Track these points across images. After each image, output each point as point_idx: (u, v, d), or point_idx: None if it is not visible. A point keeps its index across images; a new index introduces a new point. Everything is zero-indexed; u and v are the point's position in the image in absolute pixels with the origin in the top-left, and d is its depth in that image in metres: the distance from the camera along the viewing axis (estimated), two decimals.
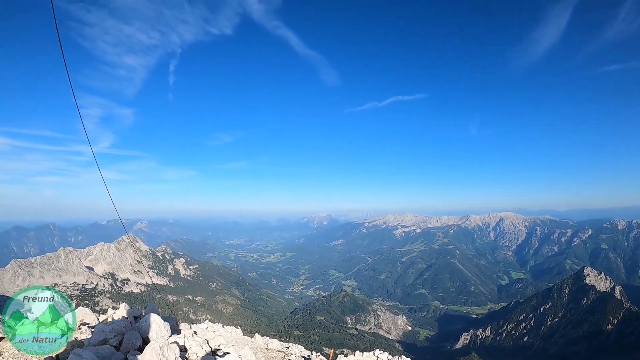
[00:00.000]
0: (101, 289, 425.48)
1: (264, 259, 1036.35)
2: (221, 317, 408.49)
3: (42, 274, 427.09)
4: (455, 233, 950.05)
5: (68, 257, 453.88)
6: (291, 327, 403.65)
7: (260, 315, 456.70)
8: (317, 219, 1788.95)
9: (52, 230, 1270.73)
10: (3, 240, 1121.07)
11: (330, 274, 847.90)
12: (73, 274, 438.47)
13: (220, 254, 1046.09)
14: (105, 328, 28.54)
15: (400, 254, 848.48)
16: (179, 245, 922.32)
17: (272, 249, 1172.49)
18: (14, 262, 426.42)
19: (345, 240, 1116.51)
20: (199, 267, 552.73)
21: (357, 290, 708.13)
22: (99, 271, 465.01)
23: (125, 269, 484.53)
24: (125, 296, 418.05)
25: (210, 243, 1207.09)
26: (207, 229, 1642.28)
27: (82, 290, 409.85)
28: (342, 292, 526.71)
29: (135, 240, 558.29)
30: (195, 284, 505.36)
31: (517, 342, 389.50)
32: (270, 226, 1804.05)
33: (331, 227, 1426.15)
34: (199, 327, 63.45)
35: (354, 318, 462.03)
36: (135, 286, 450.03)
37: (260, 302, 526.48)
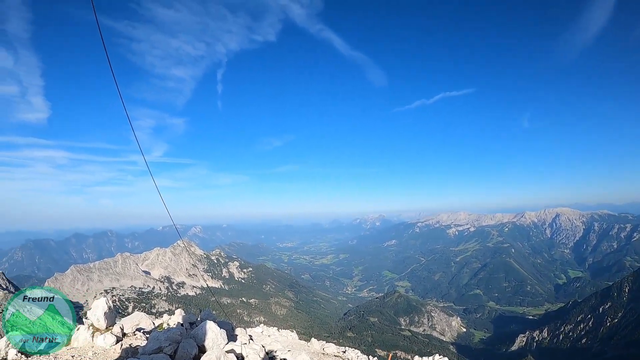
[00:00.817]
0: (157, 292, 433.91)
1: (317, 261, 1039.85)
2: (275, 319, 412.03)
3: (100, 279, 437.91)
4: (510, 231, 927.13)
5: (125, 262, 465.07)
6: (344, 329, 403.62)
7: (313, 317, 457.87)
8: (369, 219, 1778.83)
9: (109, 237, 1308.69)
10: (63, 247, 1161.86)
11: (384, 275, 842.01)
12: (130, 278, 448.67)
13: (274, 257, 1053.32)
14: (160, 336, 29.13)
15: (454, 253, 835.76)
16: (232, 249, 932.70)
17: (325, 251, 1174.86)
18: (73, 267, 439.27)
19: (398, 241, 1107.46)
20: (252, 270, 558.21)
21: (410, 291, 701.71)
22: (155, 275, 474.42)
23: (181, 273, 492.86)
24: (180, 299, 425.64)
25: (264, 246, 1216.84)
26: (261, 232, 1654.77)
27: (139, 294, 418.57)
28: (395, 293, 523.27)
29: (190, 244, 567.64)
30: (249, 286, 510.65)
31: (575, 345, 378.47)
32: (323, 228, 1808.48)
33: (384, 228, 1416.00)
34: (254, 331, 64.42)
35: (408, 319, 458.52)
36: (190, 289, 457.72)
37: (314, 303, 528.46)
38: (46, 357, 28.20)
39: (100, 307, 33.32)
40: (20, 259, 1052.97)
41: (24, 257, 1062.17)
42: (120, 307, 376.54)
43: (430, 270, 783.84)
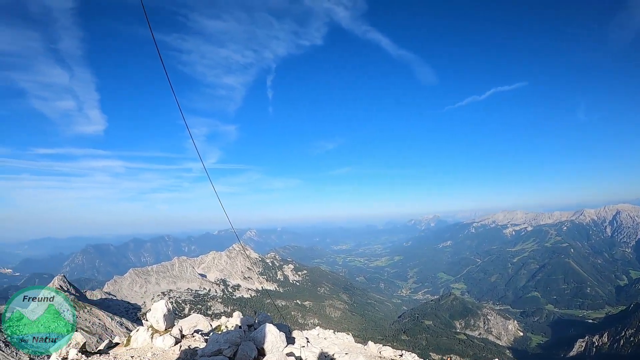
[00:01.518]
0: (213, 294, 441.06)
1: (372, 263, 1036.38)
2: (329, 321, 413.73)
3: (157, 281, 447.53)
4: (568, 230, 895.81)
5: (182, 265, 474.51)
6: (399, 332, 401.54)
7: (368, 319, 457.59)
8: (424, 220, 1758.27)
9: (166, 241, 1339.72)
10: (122, 252, 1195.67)
11: (439, 276, 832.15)
12: (187, 281, 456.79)
13: (329, 260, 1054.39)
14: (219, 338, 29.97)
15: (511, 254, 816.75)
16: (287, 252, 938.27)
17: (379, 253, 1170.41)
18: (132, 270, 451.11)
19: (454, 242, 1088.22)
20: (307, 272, 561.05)
21: (466, 293, 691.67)
22: (211, 278, 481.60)
23: (236, 276, 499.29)
24: (236, 301, 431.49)
25: (318, 249, 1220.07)
26: (315, 235, 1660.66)
27: (195, 296, 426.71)
28: (450, 296, 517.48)
29: (245, 248, 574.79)
30: (304, 289, 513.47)
31: (637, 351, 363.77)
32: (377, 230, 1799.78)
33: (439, 229, 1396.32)
34: (311, 334, 64.50)
35: (463, 322, 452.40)
36: (245, 292, 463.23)
37: (368, 306, 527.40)
38: (106, 357, 29.84)
39: (160, 310, 34.83)
40: (81, 263, 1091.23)
41: (84, 261, 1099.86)
42: (177, 309, 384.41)
43: (486, 271, 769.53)
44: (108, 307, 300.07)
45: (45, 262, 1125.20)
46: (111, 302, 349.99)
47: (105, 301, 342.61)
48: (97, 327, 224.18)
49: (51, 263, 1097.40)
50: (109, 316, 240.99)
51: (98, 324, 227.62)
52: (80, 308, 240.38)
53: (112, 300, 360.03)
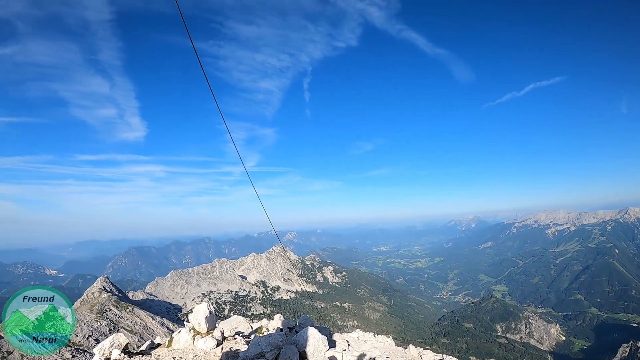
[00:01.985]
0: (253, 295, 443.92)
1: (412, 264, 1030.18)
2: (368, 323, 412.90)
3: (198, 282, 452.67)
4: (612, 229, 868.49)
5: (222, 267, 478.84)
6: (438, 335, 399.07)
7: (407, 321, 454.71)
8: (464, 221, 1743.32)
9: (207, 244, 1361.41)
10: (164, 254, 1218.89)
11: (480, 278, 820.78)
12: (227, 282, 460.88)
13: (368, 261, 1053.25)
14: (261, 341, 30.26)
15: (554, 255, 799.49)
16: (327, 254, 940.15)
17: (419, 255, 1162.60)
18: (173, 272, 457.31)
19: (495, 243, 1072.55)
20: (346, 274, 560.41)
21: (507, 295, 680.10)
22: (251, 279, 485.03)
23: (276, 277, 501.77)
24: (275, 302, 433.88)
25: (358, 251, 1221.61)
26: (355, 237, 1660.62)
27: (235, 297, 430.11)
28: (491, 298, 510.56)
29: (285, 250, 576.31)
30: (343, 290, 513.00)
31: None
32: (417, 231, 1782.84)
33: (479, 229, 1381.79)
34: (351, 337, 63.64)
35: (504, 326, 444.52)
36: (285, 293, 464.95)
37: (408, 308, 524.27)
38: (148, 358, 30.73)
39: (202, 312, 35.64)
40: (124, 265, 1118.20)
41: (127, 263, 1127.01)
42: (217, 310, 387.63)
43: (528, 273, 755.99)
44: (150, 307, 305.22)
45: (89, 264, 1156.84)
46: (153, 302, 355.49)
47: (146, 302, 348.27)
48: (139, 326, 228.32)
49: (95, 264, 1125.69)
50: (150, 316, 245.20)
51: (140, 324, 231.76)
52: (123, 308, 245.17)
53: (154, 301, 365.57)
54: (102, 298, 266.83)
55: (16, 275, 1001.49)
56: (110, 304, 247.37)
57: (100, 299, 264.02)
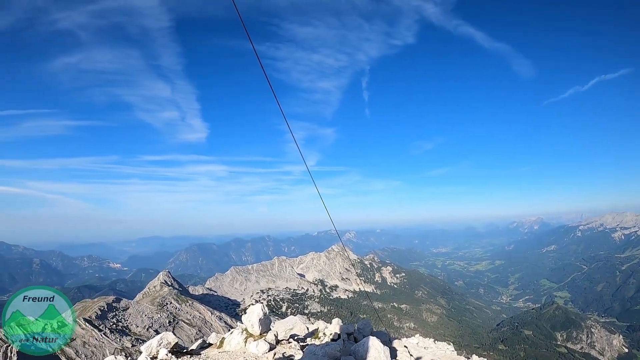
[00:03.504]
0: (311, 294, 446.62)
1: (472, 267, 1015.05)
2: (425, 326, 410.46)
3: (257, 279, 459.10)
4: None
5: (281, 265, 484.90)
6: (496, 341, 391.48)
7: (465, 325, 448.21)
8: (527, 223, 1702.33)
9: (267, 242, 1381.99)
10: (224, 250, 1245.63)
11: (541, 283, 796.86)
12: (285, 280, 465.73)
13: (427, 262, 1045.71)
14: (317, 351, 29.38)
15: (620, 261, 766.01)
16: (386, 254, 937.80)
17: (479, 257, 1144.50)
18: (233, 268, 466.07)
19: (558, 246, 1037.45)
20: (405, 275, 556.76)
21: (570, 302, 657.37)
22: (310, 278, 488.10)
23: (334, 276, 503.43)
24: (333, 301, 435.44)
25: (417, 251, 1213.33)
26: (414, 237, 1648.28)
27: (293, 295, 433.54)
28: (553, 305, 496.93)
29: (344, 249, 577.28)
30: (401, 292, 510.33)
31: None
32: (478, 232, 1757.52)
33: (542, 232, 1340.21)
34: (410, 342, 63.20)
35: (565, 334, 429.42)
36: (342, 292, 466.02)
37: (466, 312, 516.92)
38: (197, 358, 30.74)
39: (256, 313, 34.78)
40: (185, 260, 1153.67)
41: (188, 259, 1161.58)
42: (275, 307, 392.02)
43: (592, 279, 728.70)
44: (209, 302, 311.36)
45: (151, 259, 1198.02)
46: (212, 297, 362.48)
47: (206, 296, 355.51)
48: (198, 320, 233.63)
49: (157, 259, 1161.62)
50: (209, 310, 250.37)
51: (199, 317, 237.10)
52: (183, 302, 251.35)
53: (213, 296, 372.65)
54: (163, 291, 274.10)
55: (82, 268, 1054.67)
56: (171, 298, 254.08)
57: (162, 292, 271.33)
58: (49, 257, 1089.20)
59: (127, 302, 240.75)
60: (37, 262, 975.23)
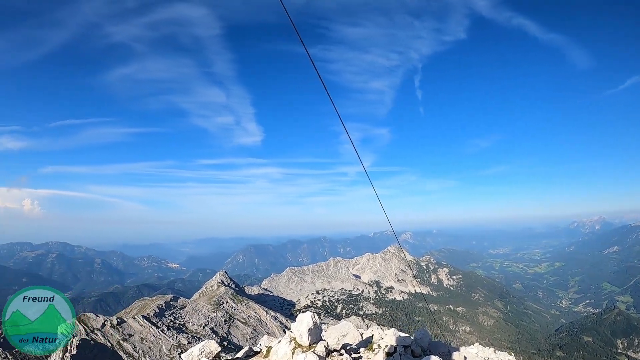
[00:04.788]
0: (366, 295, 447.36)
1: (530, 269, 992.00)
2: (481, 329, 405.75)
3: (313, 280, 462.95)
4: None
5: (337, 266, 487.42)
6: (554, 347, 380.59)
7: (522, 330, 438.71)
8: (588, 222, 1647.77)
9: (322, 243, 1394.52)
10: (280, 251, 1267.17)
11: (603, 287, 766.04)
12: (341, 281, 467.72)
13: (484, 264, 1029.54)
14: None
15: None
16: (442, 255, 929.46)
17: (538, 258, 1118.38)
18: (289, 269, 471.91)
19: (621, 247, 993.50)
20: (462, 277, 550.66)
21: (632, 307, 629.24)
22: (365, 279, 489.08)
23: (390, 278, 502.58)
24: (388, 303, 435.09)
25: (474, 252, 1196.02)
26: (471, 238, 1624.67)
27: (348, 296, 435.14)
28: (614, 310, 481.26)
29: (400, 250, 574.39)
30: (458, 294, 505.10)
31: None
32: (537, 233, 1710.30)
33: (604, 232, 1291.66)
34: (469, 352, 58.07)
35: (626, 342, 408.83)
36: (398, 294, 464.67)
37: (524, 316, 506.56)
38: None
39: (305, 323, 32.61)
40: (242, 261, 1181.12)
41: (244, 259, 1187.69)
42: (330, 308, 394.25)
43: None
44: (264, 302, 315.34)
45: (208, 259, 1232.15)
46: (267, 297, 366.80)
47: (262, 296, 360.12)
48: (253, 319, 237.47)
49: (214, 260, 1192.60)
50: (264, 310, 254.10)
51: (254, 317, 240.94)
52: (239, 301, 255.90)
53: (269, 296, 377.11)
54: (219, 291, 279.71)
55: (141, 268, 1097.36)
56: (227, 297, 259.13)
57: (218, 292, 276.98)
58: (110, 257, 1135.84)
59: (185, 300, 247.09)
60: (98, 261, 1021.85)
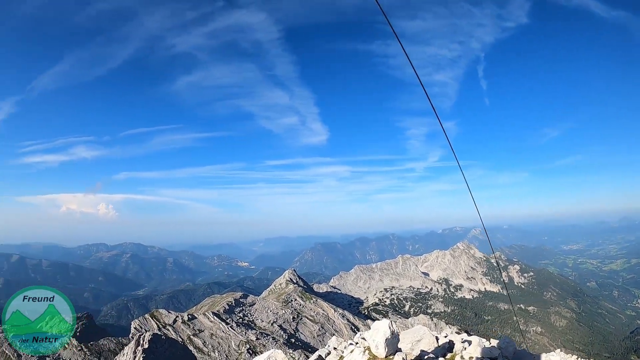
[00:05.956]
0: (434, 293, 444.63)
1: (605, 266, 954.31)
2: (552, 330, 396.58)
3: (381, 278, 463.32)
4: None
5: (405, 263, 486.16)
6: (628, 351, 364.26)
7: (595, 332, 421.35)
8: None
9: (391, 240, 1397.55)
10: (348, 249, 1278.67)
11: None
12: (409, 279, 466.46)
13: (557, 261, 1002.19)
14: None
15: None
16: (513, 252, 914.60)
17: (614, 255, 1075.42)
18: (357, 267, 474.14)
19: None
20: (533, 274, 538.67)
21: None
22: (434, 277, 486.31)
23: (459, 275, 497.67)
24: (457, 301, 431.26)
25: (547, 249, 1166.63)
26: (543, 233, 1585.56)
27: (416, 294, 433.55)
28: None
29: (469, 247, 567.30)
30: (529, 292, 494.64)
31: None
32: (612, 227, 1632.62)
33: None
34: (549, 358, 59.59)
35: None
36: (467, 292, 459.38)
37: (598, 317, 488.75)
38: None
39: (382, 332, 30.69)
40: (310, 259, 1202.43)
41: (313, 257, 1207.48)
42: (398, 306, 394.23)
43: None
44: (332, 299, 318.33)
45: (277, 258, 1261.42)
46: (335, 295, 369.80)
47: (330, 294, 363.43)
48: (321, 317, 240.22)
49: (283, 258, 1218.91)
50: (332, 308, 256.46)
51: (322, 314, 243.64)
52: (307, 299, 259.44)
53: (337, 294, 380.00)
54: (288, 289, 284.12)
55: (212, 266, 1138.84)
56: (295, 295, 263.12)
57: (287, 290, 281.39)
58: (182, 256, 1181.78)
59: (254, 298, 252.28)
60: (170, 261, 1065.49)
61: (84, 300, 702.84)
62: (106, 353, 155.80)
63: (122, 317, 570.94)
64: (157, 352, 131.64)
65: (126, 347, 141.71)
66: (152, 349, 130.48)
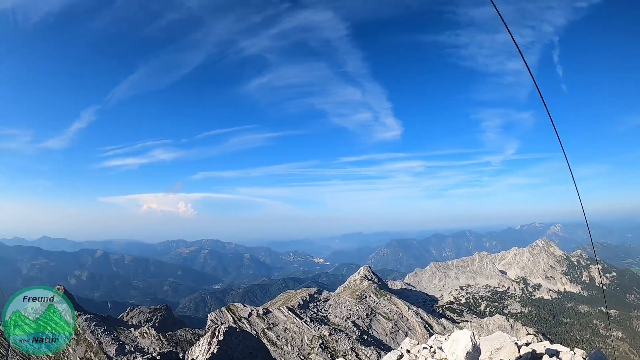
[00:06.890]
0: (512, 292, 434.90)
1: None
2: (635, 336, 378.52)
3: (457, 275, 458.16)
4: None
5: (482, 260, 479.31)
6: None
7: None
8: None
9: (467, 237, 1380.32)
10: (424, 246, 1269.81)
11: None
12: (486, 277, 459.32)
13: None
14: None
15: None
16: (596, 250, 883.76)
17: None
18: (432, 264, 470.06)
19: None
20: (616, 275, 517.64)
21: None
22: (511, 275, 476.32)
23: (538, 274, 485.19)
24: (534, 302, 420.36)
25: (631, 247, 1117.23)
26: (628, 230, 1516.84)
27: (493, 293, 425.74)
28: None
29: (548, 244, 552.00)
30: (611, 294, 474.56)
31: None
32: None
33: None
34: None
35: None
36: (546, 292, 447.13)
37: None
38: None
39: (463, 343, 28.64)
40: (385, 255, 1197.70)
41: (388, 254, 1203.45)
42: (473, 305, 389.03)
43: None
44: (407, 297, 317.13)
45: (352, 254, 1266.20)
46: (410, 292, 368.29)
47: (404, 291, 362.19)
48: (394, 314, 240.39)
49: (358, 255, 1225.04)
50: (406, 305, 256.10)
51: (395, 312, 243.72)
52: (381, 296, 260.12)
53: (411, 291, 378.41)
54: (363, 285, 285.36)
55: (287, 262, 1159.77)
56: (370, 291, 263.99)
57: (361, 286, 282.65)
58: (258, 252, 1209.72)
59: (328, 294, 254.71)
60: (247, 256, 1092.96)
61: (164, 293, 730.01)
62: (182, 343, 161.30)
63: (199, 309, 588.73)
64: (231, 344, 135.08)
65: (202, 338, 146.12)
66: (226, 341, 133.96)
